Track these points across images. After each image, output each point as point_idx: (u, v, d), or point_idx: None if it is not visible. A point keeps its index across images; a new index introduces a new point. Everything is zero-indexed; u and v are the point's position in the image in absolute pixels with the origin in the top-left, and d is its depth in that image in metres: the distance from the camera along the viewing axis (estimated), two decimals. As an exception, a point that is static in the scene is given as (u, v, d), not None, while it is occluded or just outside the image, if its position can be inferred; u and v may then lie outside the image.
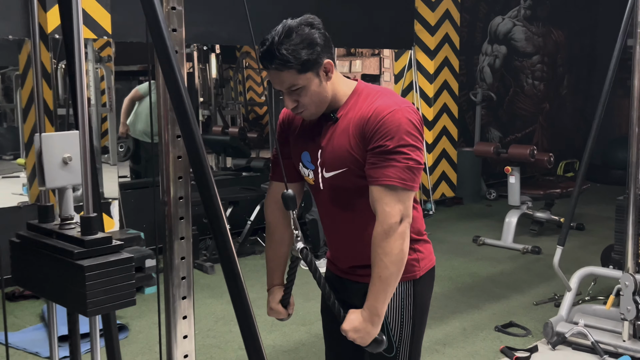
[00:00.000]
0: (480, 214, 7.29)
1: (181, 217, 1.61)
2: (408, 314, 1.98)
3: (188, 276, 1.63)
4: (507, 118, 9.00)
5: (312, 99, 1.81)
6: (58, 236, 1.41)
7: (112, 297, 1.34)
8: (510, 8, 8.75)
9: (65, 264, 1.33)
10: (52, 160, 1.41)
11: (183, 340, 1.61)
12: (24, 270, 1.50)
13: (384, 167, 1.75)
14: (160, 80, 1.53)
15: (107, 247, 1.36)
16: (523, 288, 4.78)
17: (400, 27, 7.30)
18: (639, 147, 3.46)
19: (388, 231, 1.76)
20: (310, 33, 1.77)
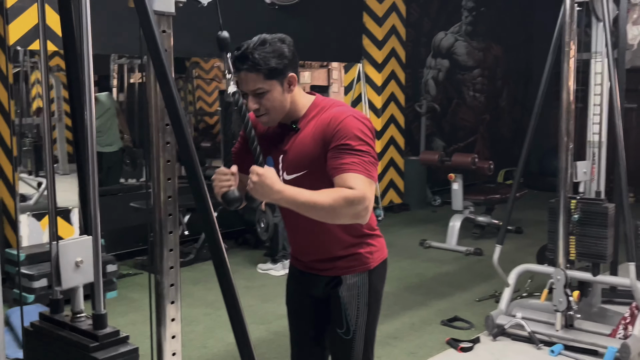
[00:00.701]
0: (426, 219, 7.65)
1: (170, 214, 1.83)
2: (364, 301, 2.23)
3: (175, 265, 1.86)
4: (450, 128, 9.42)
5: (273, 104, 2.04)
6: (71, 328, 1.62)
7: None
8: (452, 24, 9.20)
9: (81, 356, 1.53)
10: (67, 264, 1.61)
11: (172, 340, 1.83)
12: (38, 356, 1.69)
13: (351, 160, 1.95)
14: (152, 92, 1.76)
15: (116, 340, 1.58)
16: (466, 286, 5.12)
17: (349, 41, 7.62)
18: (567, 155, 3.83)
19: (354, 201, 1.90)
20: (281, 47, 2.02)
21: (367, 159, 1.97)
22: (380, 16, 7.68)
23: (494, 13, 9.83)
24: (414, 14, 8.52)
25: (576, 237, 3.92)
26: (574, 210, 3.92)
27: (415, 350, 3.87)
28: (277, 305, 4.52)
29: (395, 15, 7.82)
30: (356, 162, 1.96)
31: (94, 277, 1.60)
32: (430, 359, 3.77)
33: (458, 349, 3.86)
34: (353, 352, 2.23)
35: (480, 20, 9.64)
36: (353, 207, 1.92)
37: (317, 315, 2.33)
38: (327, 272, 2.24)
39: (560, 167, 3.83)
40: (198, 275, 5.37)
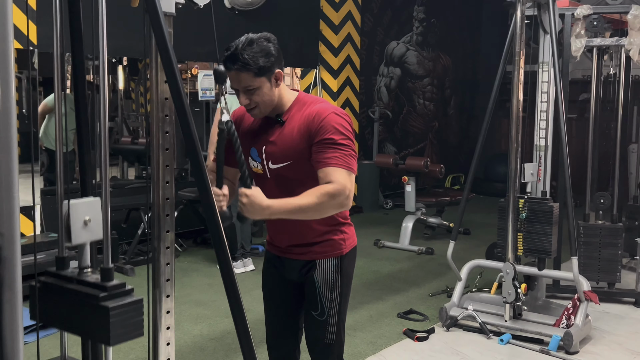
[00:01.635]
0: (379, 221, 7.90)
1: (167, 198, 1.98)
2: (337, 284, 2.42)
3: (171, 245, 2.00)
4: (401, 134, 9.73)
5: (262, 99, 2.23)
6: (79, 282, 1.75)
7: (128, 330, 1.69)
8: (404, 34, 9.52)
9: (90, 306, 1.67)
10: (76, 222, 1.75)
11: (167, 331, 1.97)
12: (48, 310, 1.81)
13: (330, 154, 2.16)
14: (154, 86, 1.91)
15: (123, 291, 1.72)
16: (419, 283, 5.37)
17: (306, 47, 7.83)
18: (517, 159, 4.12)
19: (336, 195, 2.13)
20: (267, 46, 2.21)
21: (347, 152, 2.18)
22: (337, 24, 7.92)
23: (443, 25, 10.22)
24: (368, 23, 8.80)
25: (523, 234, 4.22)
26: (521, 209, 4.21)
27: (375, 340, 4.09)
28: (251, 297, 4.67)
29: (350, 24, 8.08)
30: (337, 156, 2.17)
31: (102, 235, 1.72)
32: (388, 348, 3.98)
33: (414, 338, 4.08)
34: (327, 331, 2.42)
35: (431, 31, 10.00)
36: (336, 199, 2.14)
37: (293, 298, 2.51)
38: (302, 256, 2.42)
39: (510, 169, 4.11)
40: (159, 272, 5.47)
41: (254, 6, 6.78)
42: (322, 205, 2.14)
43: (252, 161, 2.38)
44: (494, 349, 3.97)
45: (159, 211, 1.97)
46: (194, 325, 4.28)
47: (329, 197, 2.13)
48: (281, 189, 2.34)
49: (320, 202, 2.13)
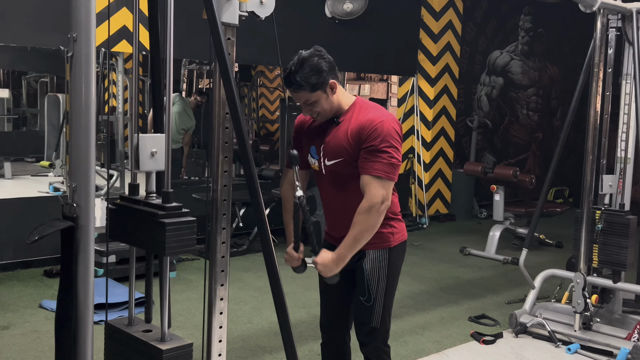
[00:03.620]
0: (470, 230, 7.93)
1: (224, 199, 2.26)
2: (384, 273, 2.63)
3: (226, 254, 2.27)
4: (501, 144, 9.66)
5: (322, 108, 2.51)
6: (145, 204, 2.06)
7: (181, 245, 1.98)
8: (509, 43, 9.46)
9: (152, 222, 1.97)
10: (144, 152, 2.06)
11: (220, 315, 2.25)
12: (118, 228, 2.14)
13: (373, 162, 2.42)
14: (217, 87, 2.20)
15: (179, 212, 2.01)
16: (498, 290, 5.41)
17: (405, 55, 8.01)
18: (592, 171, 4.12)
19: (371, 208, 2.43)
20: (318, 62, 2.46)
21: (387, 161, 2.43)
22: (436, 33, 8.04)
23: (551, 34, 10.04)
24: (470, 32, 8.84)
25: (599, 245, 4.20)
26: (598, 220, 4.19)
27: (441, 340, 4.21)
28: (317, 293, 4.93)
29: (450, 33, 8.17)
30: (376, 166, 2.42)
31: (164, 165, 2.03)
32: (453, 348, 4.10)
33: (480, 341, 4.18)
34: (373, 316, 2.63)
35: (538, 40, 9.86)
36: (372, 212, 2.44)
37: (344, 284, 2.73)
38: (354, 245, 2.65)
39: (585, 180, 4.11)
40: (249, 264, 5.84)
41: (354, 15, 7.05)
42: (366, 224, 2.44)
43: (310, 158, 2.64)
44: (560, 358, 3.99)
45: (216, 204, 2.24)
46: (273, 312, 4.57)
47: (366, 214, 2.43)
48: (334, 184, 2.59)
49: (363, 223, 2.44)
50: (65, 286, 1.90)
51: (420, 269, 5.97)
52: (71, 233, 1.89)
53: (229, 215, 2.29)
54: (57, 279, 5.10)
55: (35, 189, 7.84)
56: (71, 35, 1.84)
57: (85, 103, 1.85)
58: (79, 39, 1.84)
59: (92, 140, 1.87)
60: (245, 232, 6.26)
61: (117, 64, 7.94)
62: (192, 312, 4.50)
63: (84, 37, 1.85)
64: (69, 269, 1.91)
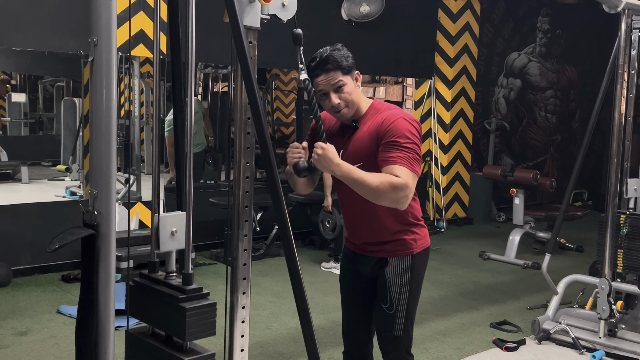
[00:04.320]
0: (489, 234, 7.84)
1: (246, 205, 2.22)
2: (406, 281, 2.57)
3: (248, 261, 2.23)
4: (519, 147, 9.56)
5: (351, 97, 2.43)
6: (164, 284, 2.03)
7: (201, 329, 1.94)
8: (526, 45, 9.36)
9: (171, 306, 1.94)
10: (165, 232, 2.02)
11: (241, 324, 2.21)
12: (138, 306, 2.11)
13: (397, 154, 2.32)
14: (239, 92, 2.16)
15: (200, 295, 1.98)
16: (519, 295, 5.33)
17: (422, 58, 7.95)
18: (617, 174, 4.04)
19: (398, 188, 2.26)
20: (346, 51, 2.46)
21: (412, 156, 2.33)
22: (454, 35, 7.97)
23: (569, 36, 9.93)
24: (488, 34, 8.75)
25: (624, 250, 4.11)
26: (622, 225, 4.11)
27: (462, 347, 4.15)
28: (336, 299, 4.83)
29: (468, 34, 8.10)
30: (402, 157, 2.32)
31: (185, 244, 1.99)
32: (475, 355, 4.03)
33: (503, 348, 4.10)
34: (395, 325, 2.57)
35: (556, 42, 9.75)
36: (395, 192, 2.28)
37: (366, 291, 2.68)
38: (376, 253, 2.59)
39: (609, 184, 4.03)
40: (267, 268, 5.80)
41: (370, 18, 7.00)
42: (381, 191, 2.28)
43: None
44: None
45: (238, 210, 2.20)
46: (291, 318, 4.54)
47: (391, 187, 2.27)
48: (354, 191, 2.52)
49: (381, 188, 2.27)
50: (86, 294, 1.87)
51: (439, 273, 5.90)
52: (92, 241, 1.85)
53: (251, 222, 2.25)
54: (74, 284, 5.10)
55: (52, 193, 7.86)
56: (92, 40, 1.81)
57: (107, 108, 1.81)
58: (100, 43, 1.81)
59: (113, 147, 1.83)
60: (262, 236, 6.22)
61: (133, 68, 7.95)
62: (210, 318, 4.46)
63: (104, 42, 1.82)
64: (89, 277, 1.87)
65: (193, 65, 2.01)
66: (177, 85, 2.27)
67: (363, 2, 6.90)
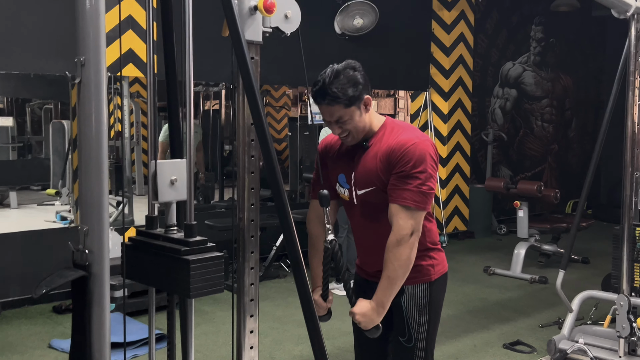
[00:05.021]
0: (491, 247, 7.67)
1: (252, 220, 2.04)
2: (425, 311, 2.37)
3: (255, 267, 2.05)
4: (517, 157, 9.42)
5: (355, 127, 2.25)
6: (164, 239, 1.82)
7: (208, 284, 1.75)
8: (521, 54, 9.26)
9: (173, 259, 1.74)
10: (163, 181, 1.83)
11: (250, 350, 2.01)
12: (135, 267, 1.90)
13: (402, 190, 2.17)
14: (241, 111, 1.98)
15: (205, 247, 1.77)
16: (529, 312, 5.15)
17: (417, 70, 7.80)
18: (632, 184, 3.87)
19: (400, 241, 2.17)
20: (354, 75, 2.23)
21: (420, 189, 2.17)
22: (448, 46, 7.84)
23: (563, 44, 9.84)
24: (482, 44, 8.64)
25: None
26: (638, 238, 3.94)
27: (476, 371, 3.96)
28: (341, 322, 4.64)
29: (462, 45, 7.97)
30: (407, 194, 2.17)
31: (186, 194, 1.79)
32: (490, 379, 3.85)
33: (519, 371, 3.92)
34: (414, 359, 2.37)
35: (549, 50, 9.65)
36: (404, 244, 2.18)
37: (381, 323, 2.48)
38: (389, 281, 2.40)
39: (624, 195, 3.87)
40: (266, 291, 5.59)
41: (364, 31, 6.86)
42: (399, 260, 2.18)
43: (339, 187, 2.40)
44: (607, 387, 3.73)
45: (243, 232, 2.03)
46: (295, 345, 4.33)
47: (396, 249, 2.18)
48: (366, 215, 2.34)
49: (395, 260, 2.18)
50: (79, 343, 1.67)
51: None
52: (84, 283, 1.66)
53: (257, 254, 2.06)
54: (67, 315, 4.87)
55: (42, 219, 7.63)
56: (78, 60, 1.63)
57: (97, 133, 1.62)
58: (88, 63, 1.63)
59: (105, 177, 1.63)
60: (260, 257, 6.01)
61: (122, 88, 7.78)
62: (210, 348, 4.25)
63: (93, 61, 1.63)
64: (82, 321, 1.67)
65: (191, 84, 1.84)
66: (174, 106, 2.09)
67: (356, 15, 6.75)
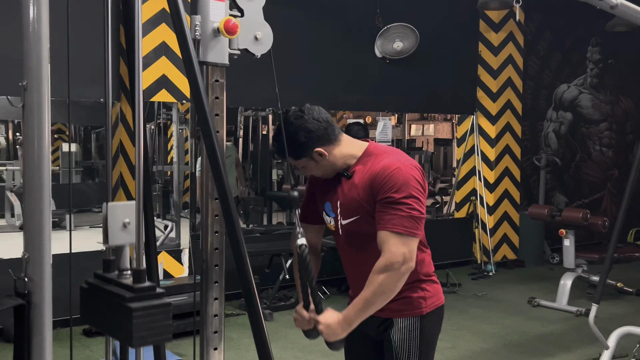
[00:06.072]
0: (541, 277, 7.33)
1: (216, 248, 1.97)
2: (415, 346, 2.23)
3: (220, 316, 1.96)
4: (573, 184, 9.03)
5: (314, 171, 2.25)
6: (116, 284, 1.79)
7: (153, 333, 1.69)
8: (576, 76, 8.92)
9: (119, 306, 1.70)
10: (115, 224, 1.80)
11: None
12: (89, 310, 1.88)
13: (391, 215, 2.05)
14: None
15: (152, 294, 1.72)
16: (570, 347, 4.86)
17: (463, 93, 7.63)
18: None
19: (389, 267, 2.05)
20: (294, 132, 2.15)
21: (407, 214, 2.05)
22: (496, 68, 7.64)
23: (623, 65, 9.43)
24: (534, 66, 8.37)
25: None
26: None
27: (501, 409, 3.74)
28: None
29: (511, 67, 7.75)
30: (393, 220, 2.05)
31: (135, 238, 1.74)
32: (515, 419, 3.62)
33: (547, 411, 3.67)
34: (403, 395, 2.23)
35: (608, 72, 9.27)
36: (392, 272, 2.04)
37: (371, 355, 2.36)
38: (380, 313, 2.26)
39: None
40: (297, 319, 5.49)
41: (404, 54, 6.76)
42: (382, 285, 2.06)
43: (326, 216, 2.32)
44: None
45: (207, 260, 1.96)
46: (315, 376, 4.22)
47: (382, 274, 2.05)
48: (353, 245, 2.25)
49: (380, 284, 2.06)
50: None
51: (483, 322, 5.48)
52: (23, 312, 1.62)
53: (222, 283, 1.99)
54: (96, 338, 4.91)
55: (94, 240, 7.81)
56: (22, 84, 1.61)
57: (39, 159, 1.59)
58: (31, 87, 1.60)
59: (47, 203, 1.60)
60: (292, 284, 5.94)
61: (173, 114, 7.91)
62: (228, 376, 4.18)
63: (35, 85, 1.61)
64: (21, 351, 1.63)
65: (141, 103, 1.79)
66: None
67: (396, 38, 6.67)
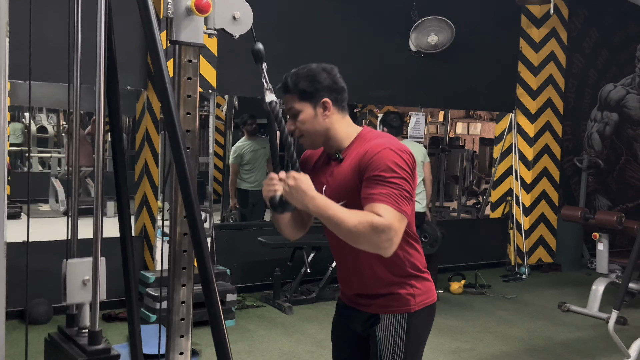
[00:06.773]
0: (577, 282, 7.07)
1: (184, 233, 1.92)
2: (400, 344, 2.14)
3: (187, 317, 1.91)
4: (617, 187, 8.70)
5: (306, 127, 2.09)
6: (73, 342, 1.78)
7: None
8: (624, 76, 8.58)
9: None
10: (73, 281, 1.77)
11: None
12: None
13: (379, 190, 1.92)
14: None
15: (106, 357, 1.70)
16: (595, 355, 4.66)
17: (501, 90, 7.42)
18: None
19: (383, 231, 1.87)
20: (317, 73, 2.09)
21: (399, 192, 1.93)
22: (536, 65, 7.40)
23: (675, 64, 9.03)
24: (578, 64, 8.09)
25: None
26: None
27: (511, 415, 3.60)
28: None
29: (553, 64, 7.49)
30: (385, 194, 1.92)
31: (91, 297, 1.71)
32: None
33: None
34: (386, 393, 2.15)
35: (659, 72, 8.89)
36: (377, 235, 1.88)
37: (357, 352, 2.29)
38: (367, 308, 2.20)
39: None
40: (316, 313, 5.42)
41: (440, 48, 6.61)
42: (359, 233, 1.88)
43: None
44: None
45: (175, 246, 1.92)
46: None
47: (372, 228, 1.87)
48: None
49: (359, 228, 1.88)
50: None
51: (507, 326, 5.31)
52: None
53: (191, 270, 1.94)
54: (115, 323, 4.96)
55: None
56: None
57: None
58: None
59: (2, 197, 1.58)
60: (315, 278, 5.88)
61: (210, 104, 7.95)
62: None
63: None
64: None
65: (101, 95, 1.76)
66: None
67: (431, 32, 6.52)
